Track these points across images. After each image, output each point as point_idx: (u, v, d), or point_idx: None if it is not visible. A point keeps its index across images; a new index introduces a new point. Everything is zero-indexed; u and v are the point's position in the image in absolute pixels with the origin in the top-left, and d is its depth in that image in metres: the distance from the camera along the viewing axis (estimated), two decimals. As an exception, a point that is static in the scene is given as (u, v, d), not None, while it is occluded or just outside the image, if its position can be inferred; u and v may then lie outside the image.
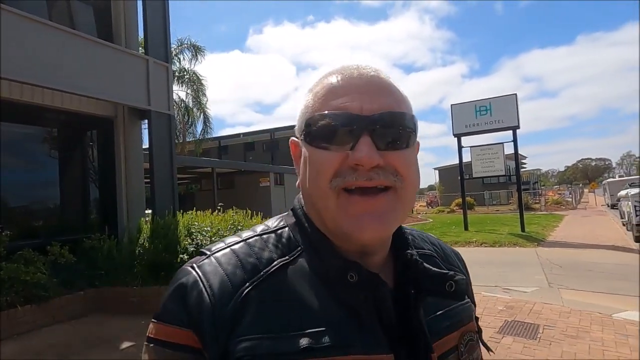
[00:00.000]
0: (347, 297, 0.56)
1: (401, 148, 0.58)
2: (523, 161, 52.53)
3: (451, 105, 15.30)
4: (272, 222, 0.67)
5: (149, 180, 7.48)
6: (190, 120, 22.63)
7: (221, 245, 0.62)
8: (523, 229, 13.98)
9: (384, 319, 0.57)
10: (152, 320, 0.59)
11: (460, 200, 18.80)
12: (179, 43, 21.97)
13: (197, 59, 21.12)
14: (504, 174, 15.20)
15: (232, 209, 7.40)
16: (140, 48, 8.42)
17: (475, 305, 0.75)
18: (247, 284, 0.55)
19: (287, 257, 0.59)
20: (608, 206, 26.01)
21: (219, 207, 7.45)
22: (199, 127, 23.74)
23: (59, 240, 5.81)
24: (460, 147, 15.12)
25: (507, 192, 36.06)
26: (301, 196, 0.66)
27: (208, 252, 0.61)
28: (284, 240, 0.62)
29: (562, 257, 9.70)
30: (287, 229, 0.64)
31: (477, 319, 0.74)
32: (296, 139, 0.65)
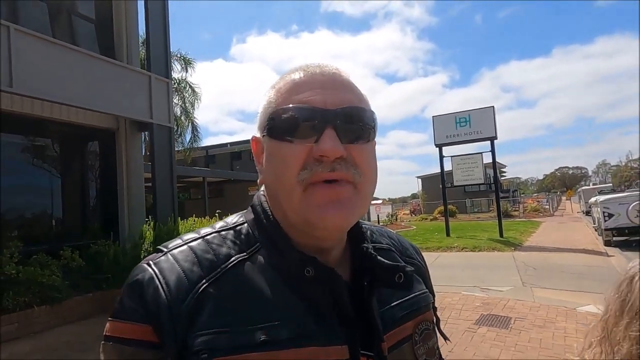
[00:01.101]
0: (304, 291, 0.57)
1: (362, 143, 0.59)
2: (503, 170, 53.97)
3: (433, 117, 16.06)
4: (232, 219, 0.67)
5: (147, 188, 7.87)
6: (179, 129, 22.91)
7: (178, 242, 0.62)
8: (502, 235, 14.70)
9: (341, 310, 0.58)
10: (109, 319, 0.59)
11: (442, 208, 19.55)
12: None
13: (187, 71, 21.49)
14: (483, 182, 15.97)
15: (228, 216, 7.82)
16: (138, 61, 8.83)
17: (434, 296, 0.77)
18: (204, 280, 0.56)
19: (245, 253, 0.60)
20: (583, 213, 27.18)
21: (216, 214, 7.87)
22: (187, 136, 24.03)
23: (67, 246, 6.16)
24: (441, 157, 15.85)
25: (487, 200, 37.11)
26: (261, 193, 0.67)
27: (165, 249, 0.61)
28: (242, 236, 0.63)
29: (537, 260, 10.38)
30: (245, 225, 0.64)
31: (435, 308, 0.75)
32: (257, 137, 0.64)
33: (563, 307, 5.92)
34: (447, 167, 16.33)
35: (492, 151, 15.06)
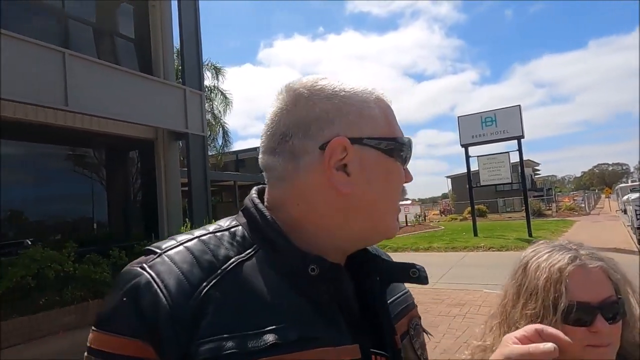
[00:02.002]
0: (309, 291, 0.56)
1: None
2: (536, 168, 52.54)
3: (458, 117, 16.13)
4: (224, 222, 0.65)
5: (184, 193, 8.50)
6: (211, 135, 23.85)
7: (172, 242, 0.59)
8: (530, 234, 14.59)
9: (346, 309, 0.59)
10: (94, 328, 0.54)
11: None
12: (199, 63, 23.23)
13: (218, 79, 22.39)
14: (510, 181, 15.88)
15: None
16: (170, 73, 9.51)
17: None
18: (205, 282, 0.53)
19: (243, 255, 0.58)
20: (622, 211, 26.24)
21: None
22: (219, 141, 24.97)
23: (114, 247, 6.83)
24: (467, 157, 15.91)
25: (520, 199, 36.33)
26: (254, 196, 0.66)
27: (158, 251, 0.57)
28: (238, 238, 0.61)
29: (564, 259, 10.34)
30: (240, 227, 0.62)
31: (416, 305, 0.77)
32: (346, 139, 0.59)
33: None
34: (475, 167, 16.37)
35: (519, 150, 15.00)
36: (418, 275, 0.66)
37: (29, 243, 6.44)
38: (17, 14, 6.57)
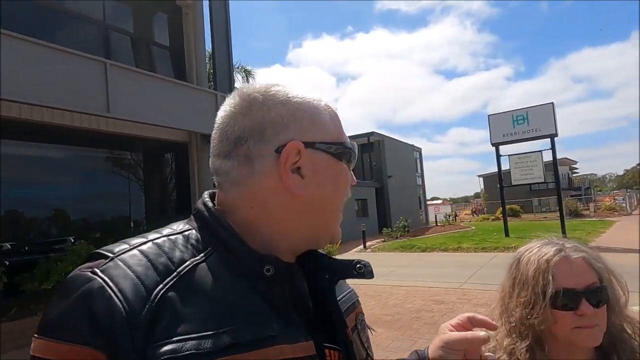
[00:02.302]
0: (264, 291, 0.57)
1: None
2: (574, 166, 50.60)
3: (488, 115, 15.90)
4: (177, 226, 0.65)
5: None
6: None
7: (125, 246, 0.58)
8: (564, 235, 14.21)
9: (301, 307, 0.61)
10: (38, 336, 0.52)
11: (506, 207, 19.10)
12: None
13: (248, 81, 22.94)
14: (543, 180, 15.48)
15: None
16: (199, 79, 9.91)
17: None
18: (161, 285, 0.53)
19: (198, 257, 0.58)
20: (666, 211, 24.96)
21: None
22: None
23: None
24: (498, 156, 15.65)
25: (556, 199, 35.24)
26: (206, 199, 0.67)
27: (110, 254, 0.56)
28: (192, 241, 0.61)
29: (598, 261, 10.02)
30: (193, 231, 0.63)
31: (360, 303, 0.80)
32: (299, 143, 0.61)
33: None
34: (506, 166, 16.06)
35: (553, 148, 14.63)
36: (364, 271, 0.67)
37: (72, 240, 6.93)
38: (64, 27, 7.08)
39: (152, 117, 7.28)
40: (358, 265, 0.68)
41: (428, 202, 34.89)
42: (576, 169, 53.01)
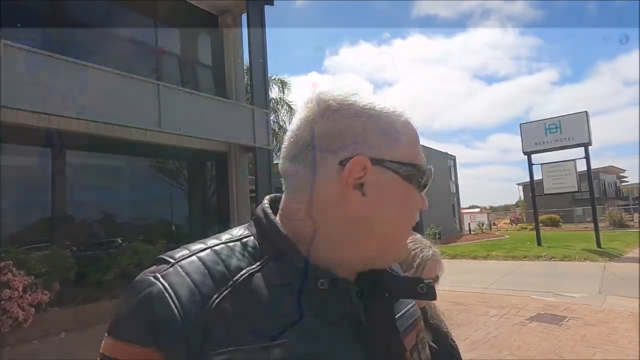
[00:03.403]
0: (317, 305, 0.57)
1: None
2: (622, 175, 48.23)
3: (520, 124, 15.92)
4: (236, 231, 0.65)
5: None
6: (276, 144, 25.43)
7: (185, 252, 0.59)
8: (599, 245, 14.00)
9: (355, 324, 0.59)
10: (108, 335, 0.55)
11: (545, 217, 18.89)
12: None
13: (284, 92, 23.85)
14: (577, 189, 15.30)
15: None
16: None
17: None
18: (217, 294, 0.54)
19: (254, 266, 0.58)
20: None
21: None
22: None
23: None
24: (530, 165, 15.65)
25: (600, 208, 33.88)
26: (266, 206, 0.66)
27: (172, 260, 0.58)
28: (249, 248, 0.61)
29: (630, 272, 9.89)
30: (251, 237, 0.63)
31: (421, 318, 0.78)
32: (365, 159, 0.58)
33: (629, 312, 6.11)
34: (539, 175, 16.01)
35: (587, 158, 14.50)
36: (426, 291, 0.64)
37: (120, 242, 7.85)
38: (123, 53, 8.12)
39: (196, 130, 8.17)
40: (421, 285, 0.64)
41: (464, 211, 34.52)
42: (625, 177, 50.44)
